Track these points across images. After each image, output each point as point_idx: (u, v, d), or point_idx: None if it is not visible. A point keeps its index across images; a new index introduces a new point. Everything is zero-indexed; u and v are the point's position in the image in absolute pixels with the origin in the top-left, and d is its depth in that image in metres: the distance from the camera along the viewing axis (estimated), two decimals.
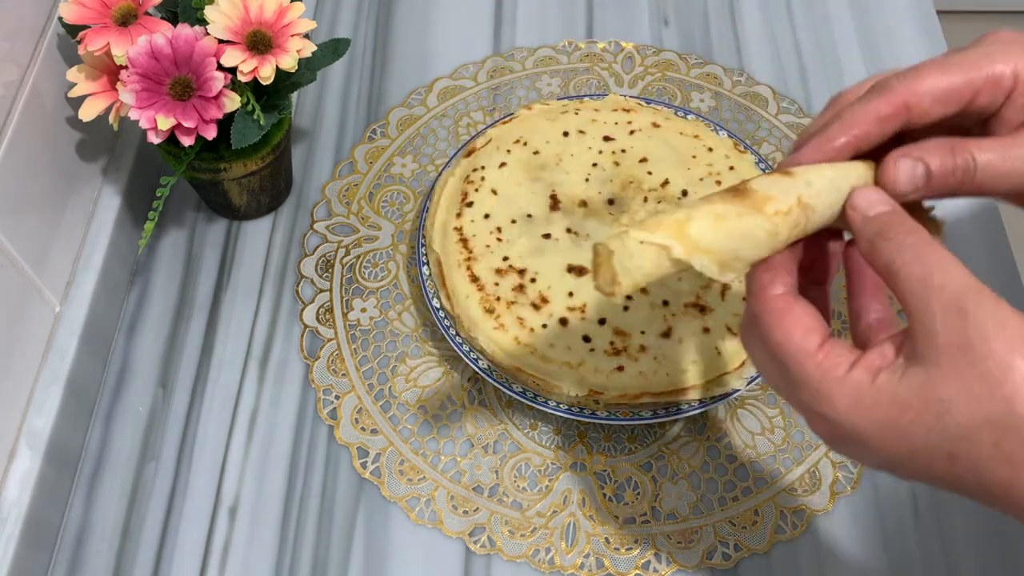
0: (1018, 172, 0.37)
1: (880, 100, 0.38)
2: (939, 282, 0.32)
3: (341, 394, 0.57)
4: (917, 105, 0.37)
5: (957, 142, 0.37)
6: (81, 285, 0.57)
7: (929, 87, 0.37)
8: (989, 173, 0.36)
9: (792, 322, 0.34)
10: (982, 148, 0.37)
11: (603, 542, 0.53)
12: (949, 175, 0.37)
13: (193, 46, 0.53)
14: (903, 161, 0.37)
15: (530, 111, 0.65)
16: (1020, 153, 0.37)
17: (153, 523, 0.53)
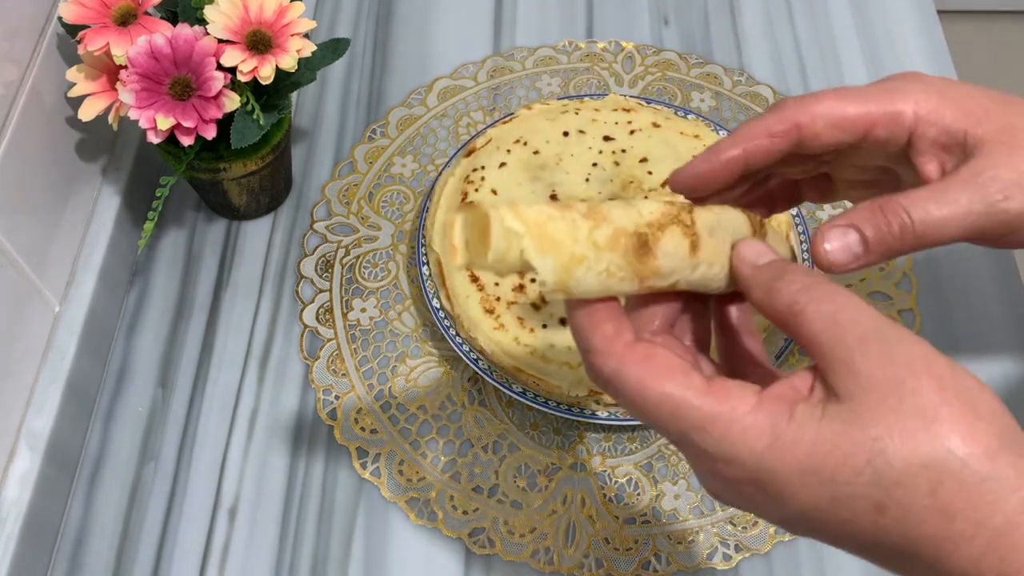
0: (960, 216, 0.35)
1: (773, 116, 0.37)
2: (852, 317, 0.29)
3: (341, 394, 0.57)
4: (809, 126, 0.37)
5: (885, 201, 0.36)
6: (81, 285, 0.57)
7: (824, 110, 0.37)
8: (930, 225, 0.35)
9: (663, 367, 0.30)
10: (914, 201, 0.35)
11: (603, 542, 0.52)
12: (887, 238, 0.35)
13: (193, 46, 0.53)
14: (831, 232, 0.35)
15: (530, 111, 0.65)
16: (956, 196, 0.36)
17: (153, 523, 0.53)
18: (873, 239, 0.35)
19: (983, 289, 0.61)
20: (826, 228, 0.35)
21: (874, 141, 0.37)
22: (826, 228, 0.35)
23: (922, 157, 0.37)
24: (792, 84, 0.72)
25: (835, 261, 0.35)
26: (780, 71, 0.72)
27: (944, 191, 0.36)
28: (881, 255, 0.35)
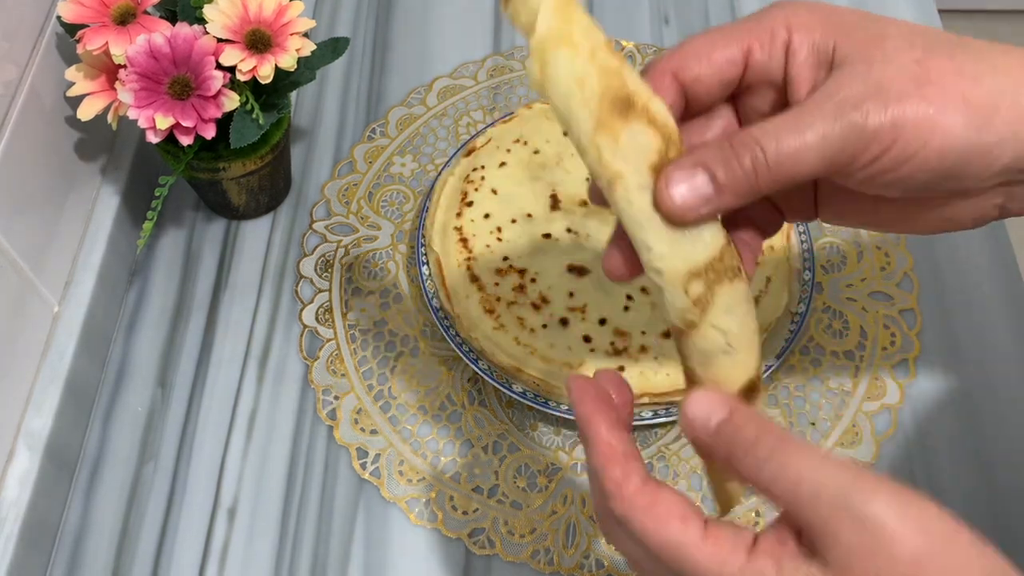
0: (816, 143, 0.32)
1: (646, 76, 0.35)
2: (816, 485, 0.29)
3: (340, 394, 0.57)
4: (685, 71, 0.35)
5: (735, 133, 0.33)
6: (79, 285, 0.57)
7: (693, 49, 0.35)
8: (785, 156, 0.32)
9: (665, 514, 0.31)
10: (766, 131, 0.32)
11: (603, 543, 0.52)
12: (739, 175, 0.32)
13: (192, 45, 0.53)
14: (676, 173, 0.31)
15: (530, 110, 0.65)
16: (810, 119, 0.32)
17: (152, 523, 0.53)
18: (724, 178, 0.32)
19: (985, 289, 0.61)
20: (671, 169, 0.32)
21: (759, 70, 0.35)
22: (671, 169, 0.32)
23: (794, 80, 0.35)
24: None
25: (683, 207, 0.31)
26: None
27: (798, 115, 0.32)
28: (736, 196, 0.32)
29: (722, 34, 0.35)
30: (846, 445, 0.55)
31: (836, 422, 0.56)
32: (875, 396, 0.57)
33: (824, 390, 0.57)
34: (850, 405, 0.57)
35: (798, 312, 0.57)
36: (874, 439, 0.55)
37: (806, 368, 0.58)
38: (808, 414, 0.56)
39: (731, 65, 0.35)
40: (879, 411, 0.56)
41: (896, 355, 0.58)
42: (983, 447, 0.55)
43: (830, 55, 0.34)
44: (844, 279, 0.61)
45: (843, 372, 0.58)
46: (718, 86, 0.35)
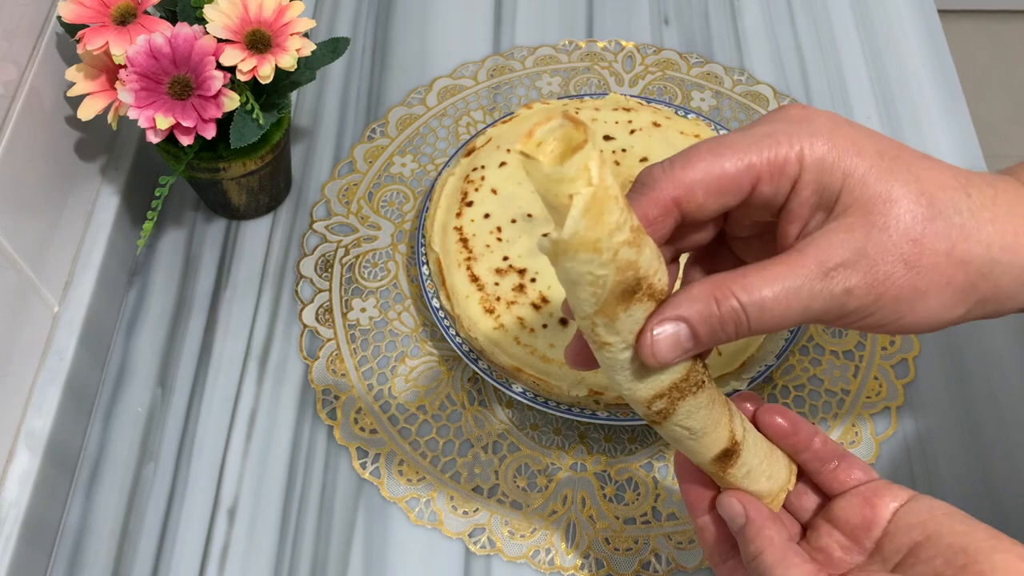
0: (797, 300, 0.32)
1: (645, 200, 0.34)
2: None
3: (340, 394, 0.57)
4: (689, 199, 0.33)
5: (719, 284, 0.32)
6: (80, 285, 0.57)
7: (701, 176, 0.33)
8: (765, 312, 0.32)
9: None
10: (745, 285, 0.32)
11: (603, 543, 0.52)
12: (716, 328, 0.32)
13: (192, 45, 0.53)
14: (658, 331, 0.32)
15: (530, 110, 0.65)
16: (790, 275, 0.32)
17: (152, 523, 0.53)
18: (705, 334, 0.33)
19: None
20: (654, 321, 0.32)
21: (760, 198, 0.34)
22: (654, 321, 0.32)
23: (790, 213, 0.34)
24: (792, 83, 0.72)
25: (660, 356, 0.32)
26: (781, 70, 0.72)
27: (783, 272, 0.32)
28: (711, 345, 0.33)
29: (731, 158, 0.33)
30: (846, 445, 0.55)
31: (836, 422, 0.56)
32: (875, 396, 0.57)
33: (824, 390, 0.57)
34: (850, 405, 0.57)
35: None
36: (874, 439, 0.55)
37: (806, 368, 0.58)
38: (808, 414, 0.56)
39: (736, 195, 0.34)
40: (879, 411, 0.56)
41: (896, 355, 0.58)
42: (983, 447, 0.55)
43: (832, 200, 0.33)
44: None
45: (843, 372, 0.58)
46: (718, 211, 0.35)
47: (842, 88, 0.71)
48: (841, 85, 0.71)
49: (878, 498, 0.37)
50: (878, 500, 0.37)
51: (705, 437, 0.36)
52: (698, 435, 0.36)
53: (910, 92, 0.71)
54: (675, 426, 0.36)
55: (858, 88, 0.71)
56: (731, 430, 0.37)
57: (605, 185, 0.27)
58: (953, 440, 0.55)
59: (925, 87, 0.71)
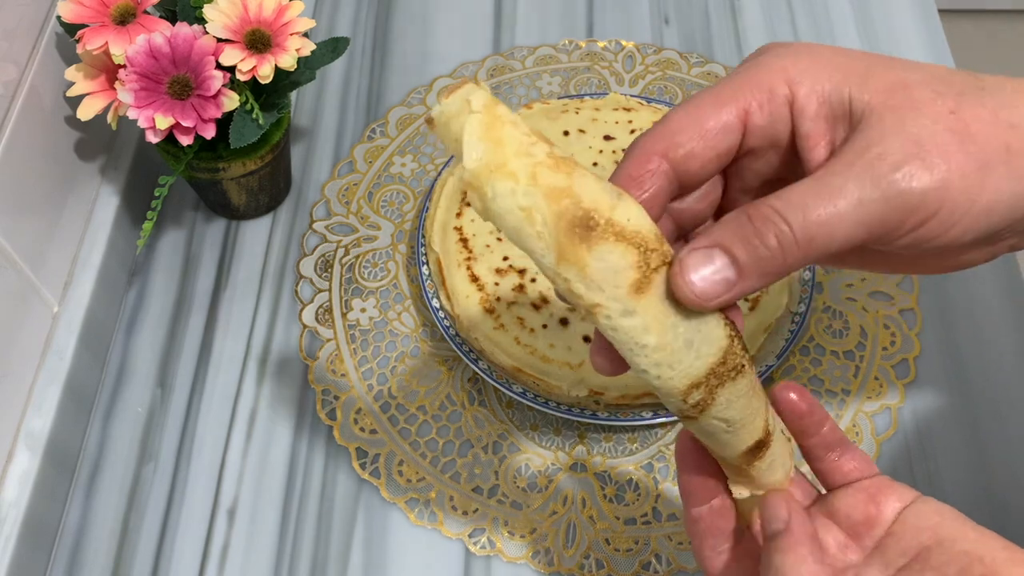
0: (851, 210, 0.28)
1: (627, 160, 0.31)
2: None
3: (340, 394, 0.57)
4: (675, 149, 0.30)
5: (753, 207, 0.29)
6: (79, 285, 0.57)
7: (680, 123, 0.30)
8: (815, 229, 0.28)
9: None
10: (789, 202, 0.28)
11: (603, 543, 0.52)
12: (763, 254, 0.28)
13: (192, 45, 0.53)
14: (691, 257, 0.28)
15: (530, 110, 0.65)
16: (841, 184, 0.28)
17: (152, 524, 0.53)
18: (746, 258, 0.28)
19: (985, 289, 0.61)
20: (685, 253, 0.28)
21: (758, 132, 0.31)
22: (685, 253, 0.28)
23: (807, 139, 0.30)
24: None
25: (702, 295, 0.28)
26: None
27: (825, 180, 0.28)
28: (762, 277, 0.29)
29: (712, 99, 0.31)
30: None
31: (836, 422, 0.56)
32: (875, 396, 0.57)
33: (824, 390, 0.57)
34: (850, 405, 0.57)
35: (798, 312, 0.57)
36: (874, 439, 0.55)
37: (806, 368, 0.58)
38: None
39: (727, 134, 0.31)
40: (879, 411, 0.56)
41: (896, 355, 0.58)
42: (983, 447, 0.55)
43: (846, 107, 0.30)
44: (844, 279, 0.61)
45: (843, 372, 0.58)
46: (714, 159, 0.31)
47: None
48: None
49: (883, 496, 0.35)
50: (883, 498, 0.34)
51: (743, 429, 0.33)
52: (736, 427, 0.32)
53: None
54: (712, 419, 0.32)
55: None
56: (766, 419, 0.34)
57: (494, 112, 0.26)
58: (954, 440, 0.55)
59: None
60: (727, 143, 0.31)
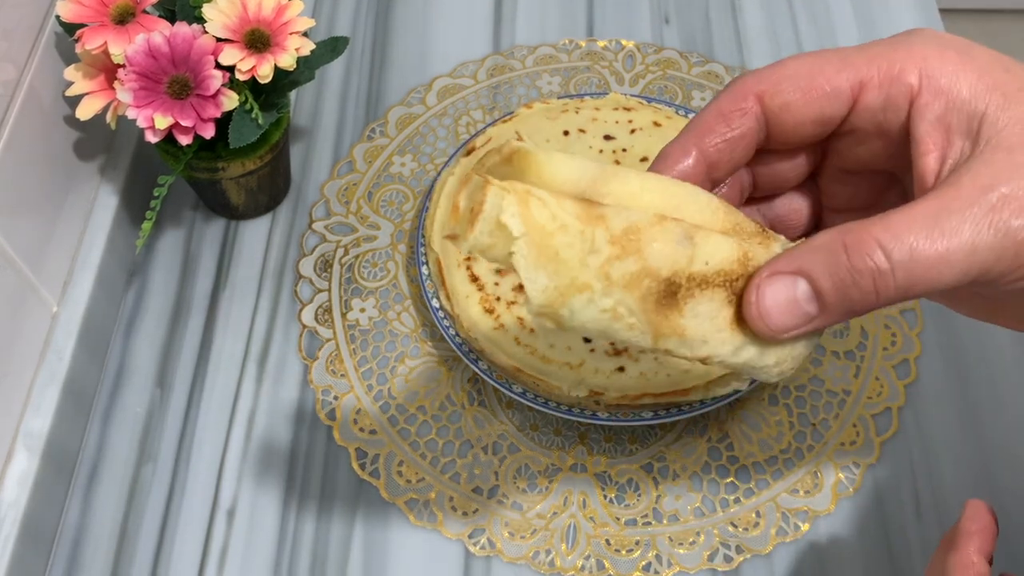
0: (962, 255, 0.24)
1: (725, 95, 0.28)
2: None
3: (340, 395, 0.57)
4: (775, 96, 0.28)
5: (851, 232, 0.25)
6: (78, 285, 0.57)
7: (790, 71, 0.27)
8: (919, 270, 0.25)
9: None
10: (896, 233, 0.25)
11: (604, 544, 0.52)
12: (852, 292, 0.25)
13: (191, 44, 0.52)
14: (771, 284, 0.25)
15: (530, 110, 0.65)
16: (957, 222, 0.25)
17: (151, 525, 0.53)
18: (833, 296, 0.25)
19: None
20: (764, 276, 0.26)
21: (866, 113, 0.27)
22: (764, 276, 0.26)
23: (920, 143, 0.27)
24: None
25: (776, 327, 0.26)
26: None
27: (939, 217, 0.25)
28: (845, 316, 0.26)
29: (833, 57, 0.27)
30: (847, 445, 0.55)
31: (837, 422, 0.56)
32: (876, 396, 0.57)
33: (825, 390, 0.57)
34: (851, 405, 0.56)
35: None
36: (875, 439, 0.55)
37: (806, 368, 0.58)
38: (809, 414, 0.56)
39: (833, 99, 0.27)
40: (880, 411, 0.56)
41: (897, 355, 0.58)
42: (985, 447, 0.55)
43: (976, 123, 0.26)
44: None
45: (844, 372, 0.58)
46: (812, 122, 0.28)
47: None
48: None
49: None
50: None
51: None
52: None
53: None
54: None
55: None
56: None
57: (535, 220, 0.23)
58: (955, 440, 0.55)
59: None
60: (831, 110, 0.28)
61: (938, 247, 0.24)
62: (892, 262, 0.25)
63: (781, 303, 0.25)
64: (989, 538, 0.34)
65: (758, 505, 0.53)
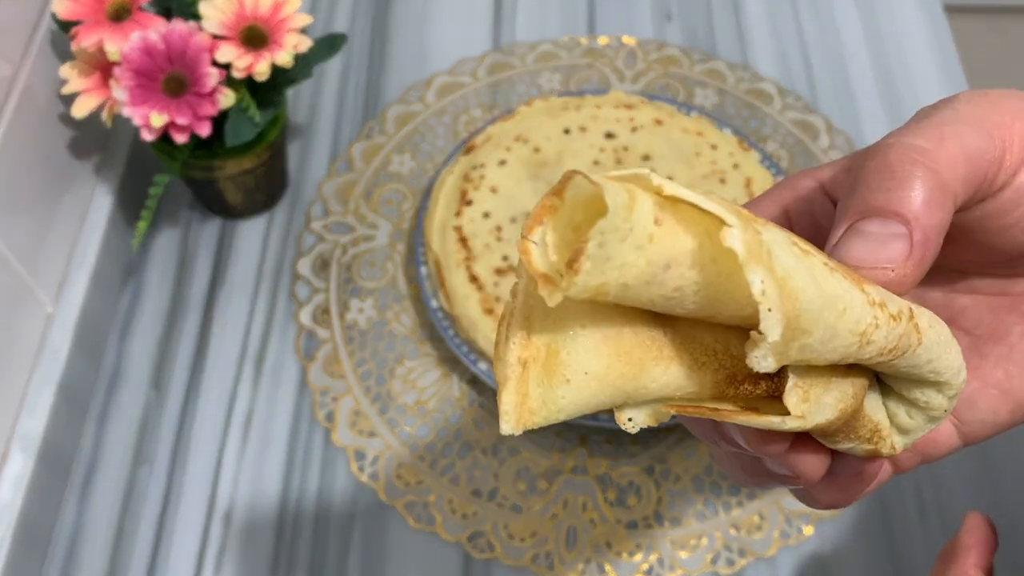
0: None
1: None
2: None
3: (338, 396, 0.57)
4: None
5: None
6: (74, 285, 0.56)
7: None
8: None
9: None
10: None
11: (604, 547, 0.52)
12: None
13: (187, 42, 0.52)
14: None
15: (530, 108, 0.64)
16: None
17: (147, 528, 0.53)
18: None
19: None
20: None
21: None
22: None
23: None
24: (797, 80, 0.71)
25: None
26: (785, 66, 0.72)
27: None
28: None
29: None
30: None
31: None
32: None
33: None
34: None
35: None
36: None
37: None
38: None
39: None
40: None
41: None
42: (987, 447, 0.54)
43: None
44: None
45: None
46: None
47: (846, 85, 0.70)
48: (845, 82, 0.70)
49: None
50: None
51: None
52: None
53: (915, 89, 0.70)
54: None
55: (862, 85, 0.70)
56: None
57: (756, 238, 0.19)
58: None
59: (930, 83, 0.70)
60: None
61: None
62: None
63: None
64: (987, 551, 0.34)
65: (761, 508, 0.53)
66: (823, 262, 0.21)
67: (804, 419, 0.22)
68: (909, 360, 0.23)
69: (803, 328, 0.19)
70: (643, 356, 0.22)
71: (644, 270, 0.19)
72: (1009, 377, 0.28)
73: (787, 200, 0.28)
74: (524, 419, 0.22)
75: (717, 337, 0.22)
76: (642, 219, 0.19)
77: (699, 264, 0.19)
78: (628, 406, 0.23)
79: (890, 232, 0.23)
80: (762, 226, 0.20)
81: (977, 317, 0.29)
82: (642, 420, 0.23)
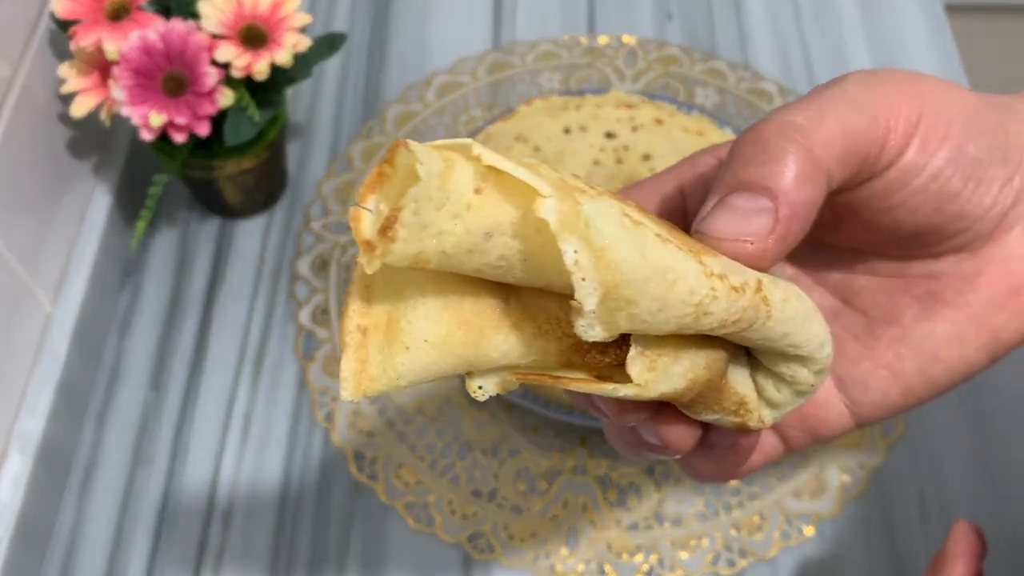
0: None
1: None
2: None
3: (337, 396, 0.56)
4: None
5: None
6: (73, 285, 0.56)
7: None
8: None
9: None
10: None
11: (605, 548, 0.52)
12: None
13: (186, 41, 0.52)
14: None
15: (530, 107, 0.64)
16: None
17: (146, 528, 0.52)
18: None
19: None
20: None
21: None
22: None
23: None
24: (798, 79, 0.71)
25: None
26: (786, 65, 0.71)
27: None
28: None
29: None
30: (850, 445, 0.54)
31: None
32: None
33: None
34: None
35: None
36: (880, 441, 0.55)
37: None
38: None
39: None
40: None
41: None
42: (989, 447, 0.54)
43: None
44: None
45: None
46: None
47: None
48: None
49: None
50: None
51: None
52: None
53: None
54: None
55: None
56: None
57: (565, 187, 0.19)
58: (961, 443, 0.55)
59: None
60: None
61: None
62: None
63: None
64: (975, 560, 0.35)
65: (761, 508, 0.53)
66: (655, 233, 0.20)
67: (644, 387, 0.22)
68: (760, 332, 0.23)
69: (626, 298, 0.19)
70: (483, 324, 0.22)
71: (463, 239, 0.19)
72: (900, 359, 0.29)
73: (685, 176, 0.29)
74: (364, 386, 0.22)
75: (561, 305, 0.22)
76: (460, 188, 0.19)
77: (522, 234, 0.20)
78: (477, 374, 0.23)
79: (756, 207, 0.23)
80: (591, 197, 0.20)
81: (872, 298, 0.30)
82: (491, 388, 0.23)
